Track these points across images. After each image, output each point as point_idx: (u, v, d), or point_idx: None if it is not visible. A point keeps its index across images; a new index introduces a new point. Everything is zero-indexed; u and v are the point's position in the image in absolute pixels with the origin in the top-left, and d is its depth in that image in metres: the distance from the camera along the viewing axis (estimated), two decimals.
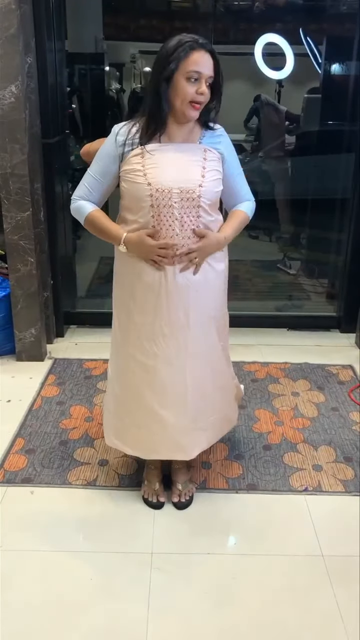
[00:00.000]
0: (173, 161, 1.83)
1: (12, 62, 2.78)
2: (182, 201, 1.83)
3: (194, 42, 1.76)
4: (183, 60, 1.75)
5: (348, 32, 3.74)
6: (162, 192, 1.83)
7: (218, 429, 2.24)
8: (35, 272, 3.15)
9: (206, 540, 2.13)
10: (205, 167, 1.87)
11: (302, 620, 1.83)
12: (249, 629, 1.80)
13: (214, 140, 1.94)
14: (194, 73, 1.76)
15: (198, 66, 1.76)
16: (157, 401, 2.06)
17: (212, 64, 1.79)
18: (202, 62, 1.76)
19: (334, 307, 3.92)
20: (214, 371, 2.13)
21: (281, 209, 4.56)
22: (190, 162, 1.86)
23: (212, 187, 1.88)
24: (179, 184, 1.83)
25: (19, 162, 2.94)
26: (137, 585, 1.93)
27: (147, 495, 2.29)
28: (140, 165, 1.84)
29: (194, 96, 1.79)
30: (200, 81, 1.78)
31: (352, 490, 2.36)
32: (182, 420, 2.07)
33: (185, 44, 1.75)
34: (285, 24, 3.84)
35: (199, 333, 2.02)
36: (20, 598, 1.88)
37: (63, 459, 2.51)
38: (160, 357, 2.01)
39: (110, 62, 4.59)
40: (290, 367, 3.32)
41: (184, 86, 1.78)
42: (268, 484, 2.39)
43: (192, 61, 1.75)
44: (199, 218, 1.88)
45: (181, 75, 1.77)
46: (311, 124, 4.23)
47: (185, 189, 1.83)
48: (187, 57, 1.75)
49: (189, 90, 1.78)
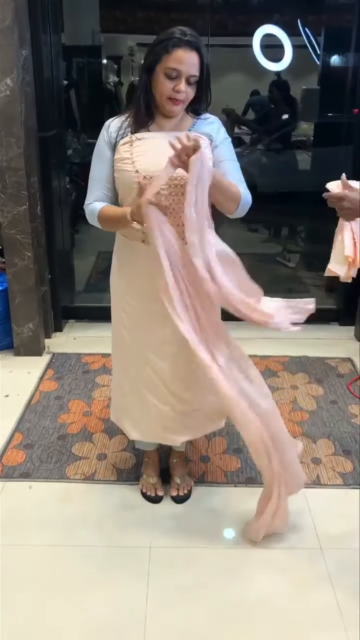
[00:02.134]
0: (161, 148, 1.81)
1: (7, 55, 2.76)
2: (169, 187, 1.81)
3: (179, 38, 1.73)
4: (164, 55, 1.74)
5: (346, 23, 3.71)
6: (150, 180, 1.81)
7: (204, 421, 2.21)
8: (32, 267, 3.13)
9: (204, 533, 2.13)
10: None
11: (300, 613, 1.82)
12: (248, 622, 1.79)
13: (205, 127, 1.91)
14: (172, 71, 1.74)
15: (178, 64, 1.73)
16: (144, 385, 2.06)
17: (197, 62, 1.76)
18: (184, 60, 1.73)
19: (333, 300, 3.91)
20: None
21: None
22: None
23: None
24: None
25: (15, 155, 2.93)
26: (135, 579, 1.93)
27: (145, 489, 2.29)
28: (128, 153, 1.83)
29: (171, 93, 1.77)
30: (179, 79, 1.75)
31: (351, 483, 2.36)
32: (166, 407, 2.07)
33: (171, 39, 1.73)
34: (283, 15, 3.81)
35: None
36: (18, 592, 1.88)
37: (61, 454, 2.51)
38: (149, 344, 2.02)
39: (107, 55, 4.56)
40: (289, 360, 3.31)
41: (162, 81, 1.77)
42: None
43: (173, 58, 1.73)
44: None
45: (161, 70, 1.76)
46: (309, 115, 4.21)
47: (173, 176, 1.81)
48: (169, 53, 1.73)
49: (167, 86, 1.76)
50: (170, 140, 1.67)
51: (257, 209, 2.08)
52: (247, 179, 1.98)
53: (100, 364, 3.21)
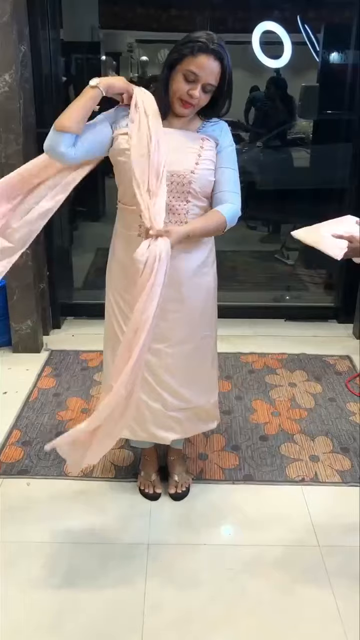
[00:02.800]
0: (169, 144, 1.81)
1: (6, 51, 2.75)
2: (172, 185, 1.81)
3: (206, 44, 1.72)
4: (188, 56, 1.73)
5: (346, 20, 3.70)
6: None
7: (195, 421, 2.19)
8: (30, 264, 3.13)
9: (202, 531, 2.13)
10: (200, 155, 1.85)
11: (298, 611, 1.83)
12: (245, 620, 1.80)
13: (213, 129, 1.91)
14: (191, 74, 1.74)
15: (199, 69, 1.73)
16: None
17: (217, 72, 1.75)
18: (205, 67, 1.73)
19: (331, 297, 3.91)
20: (190, 364, 2.09)
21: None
22: (186, 148, 1.84)
23: (206, 176, 1.85)
24: (171, 167, 1.80)
25: (14, 152, 2.92)
26: (133, 576, 1.93)
27: (143, 487, 2.29)
28: (128, 145, 1.81)
29: (184, 95, 1.77)
30: (196, 83, 1.75)
31: (349, 481, 2.36)
32: (156, 404, 2.06)
33: (197, 42, 1.73)
34: (283, 12, 3.80)
35: (182, 322, 2.01)
36: (16, 589, 1.88)
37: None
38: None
39: (106, 51, 4.55)
40: (288, 357, 3.31)
41: (178, 81, 1.77)
42: (265, 474, 2.39)
43: (194, 62, 1.73)
44: (188, 203, 1.86)
45: (181, 70, 1.75)
46: (309, 112, 4.20)
47: (177, 173, 1.81)
48: (192, 56, 1.73)
49: (182, 86, 1.76)
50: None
51: (256, 207, 2.08)
52: (246, 177, 1.98)
53: (98, 361, 3.20)
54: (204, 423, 2.23)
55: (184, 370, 2.07)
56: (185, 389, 2.09)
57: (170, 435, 2.13)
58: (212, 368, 2.19)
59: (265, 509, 2.22)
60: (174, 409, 2.09)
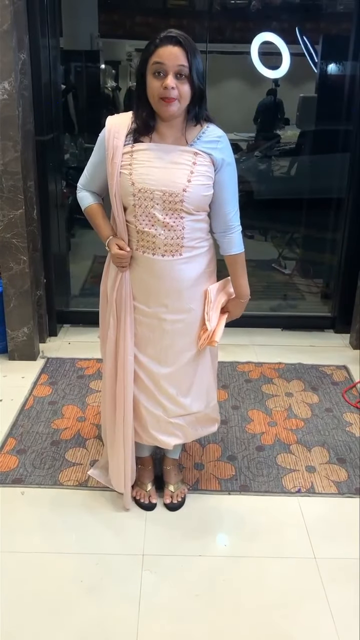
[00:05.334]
0: (160, 162, 1.80)
1: (5, 59, 2.76)
2: (164, 203, 1.81)
3: (160, 38, 1.71)
4: (149, 56, 1.73)
5: (344, 31, 3.72)
6: (145, 193, 1.81)
7: (196, 426, 2.19)
8: (27, 271, 3.12)
9: (198, 542, 2.11)
10: (193, 171, 1.81)
11: (293, 622, 1.81)
12: (240, 631, 1.78)
13: (210, 145, 1.85)
14: (157, 65, 1.71)
15: (161, 58, 1.70)
16: (137, 388, 2.07)
17: (181, 55, 1.70)
18: (165, 55, 1.70)
19: (328, 307, 3.91)
20: (189, 372, 2.09)
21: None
22: (177, 165, 1.81)
23: (199, 191, 1.82)
24: (162, 186, 1.79)
25: (12, 159, 2.92)
26: (128, 586, 1.91)
27: (138, 497, 2.27)
28: (128, 163, 1.82)
29: (161, 91, 1.72)
30: (166, 75, 1.71)
31: (345, 492, 2.35)
32: (157, 411, 2.07)
33: (152, 41, 1.73)
34: (281, 23, 3.82)
35: (183, 331, 2.02)
36: (10, 599, 1.86)
37: (54, 460, 2.49)
38: (141, 348, 2.03)
39: (105, 59, 4.56)
40: (285, 367, 3.31)
41: (151, 82, 1.74)
42: (261, 485, 2.37)
43: (155, 55, 1.71)
44: (182, 219, 1.85)
45: (149, 72, 1.74)
46: (306, 123, 4.22)
47: (169, 192, 1.80)
48: (152, 53, 1.72)
49: (155, 84, 1.73)
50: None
51: (253, 216, 2.09)
52: (244, 186, 1.98)
53: (94, 369, 3.19)
54: (205, 427, 2.23)
55: (184, 379, 2.07)
56: (186, 398, 2.09)
57: (172, 440, 2.13)
58: (211, 371, 2.19)
59: (262, 520, 2.21)
60: (175, 416, 2.09)
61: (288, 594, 1.91)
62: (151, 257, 1.88)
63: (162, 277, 1.91)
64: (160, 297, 1.94)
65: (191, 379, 2.08)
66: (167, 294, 1.94)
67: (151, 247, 1.87)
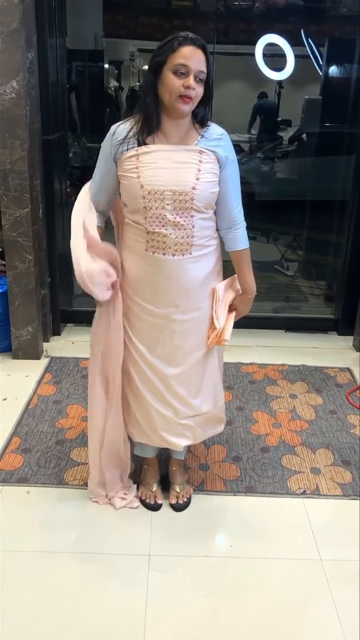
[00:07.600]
0: (167, 163, 1.81)
1: (14, 58, 2.76)
2: (174, 203, 1.82)
3: (184, 37, 1.73)
4: (171, 53, 1.73)
5: (349, 34, 3.73)
6: (155, 194, 1.81)
7: (205, 426, 2.19)
8: (33, 270, 3.12)
9: (203, 542, 2.12)
10: (200, 169, 1.83)
11: (299, 624, 1.82)
12: (246, 632, 1.78)
13: (213, 143, 1.88)
14: (181, 66, 1.73)
15: (185, 60, 1.72)
16: (147, 390, 2.07)
17: (203, 60, 1.75)
18: (190, 56, 1.73)
19: (331, 309, 3.92)
20: (199, 371, 2.10)
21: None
22: (184, 164, 1.83)
23: (207, 188, 1.84)
24: (172, 186, 1.80)
25: (19, 158, 2.92)
26: (134, 587, 1.91)
27: (144, 497, 2.28)
28: (134, 166, 1.82)
29: (182, 90, 1.74)
30: (188, 75, 1.73)
31: (350, 494, 2.36)
32: (168, 412, 2.07)
33: (175, 38, 1.74)
34: (286, 25, 3.83)
35: (192, 331, 2.02)
36: (17, 599, 1.86)
37: (59, 459, 2.49)
38: (151, 349, 2.03)
39: (109, 59, 4.57)
40: (288, 369, 3.31)
41: (171, 79, 1.74)
42: (266, 486, 2.38)
43: (179, 54, 1.72)
44: (193, 217, 1.86)
45: (169, 69, 1.74)
46: (311, 125, 4.22)
47: (178, 191, 1.81)
48: (175, 51, 1.73)
49: (176, 83, 1.74)
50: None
51: (256, 217, 2.10)
52: (246, 187, 1.99)
53: None
54: (213, 427, 2.23)
55: (194, 380, 2.07)
56: (196, 399, 2.09)
57: (182, 442, 2.13)
58: (219, 372, 2.20)
59: (267, 521, 2.22)
60: (185, 417, 2.10)
61: (294, 596, 1.91)
62: (161, 257, 1.89)
63: (171, 277, 1.92)
64: (171, 297, 1.95)
65: (200, 379, 2.09)
66: (177, 294, 1.94)
67: (162, 247, 1.88)
